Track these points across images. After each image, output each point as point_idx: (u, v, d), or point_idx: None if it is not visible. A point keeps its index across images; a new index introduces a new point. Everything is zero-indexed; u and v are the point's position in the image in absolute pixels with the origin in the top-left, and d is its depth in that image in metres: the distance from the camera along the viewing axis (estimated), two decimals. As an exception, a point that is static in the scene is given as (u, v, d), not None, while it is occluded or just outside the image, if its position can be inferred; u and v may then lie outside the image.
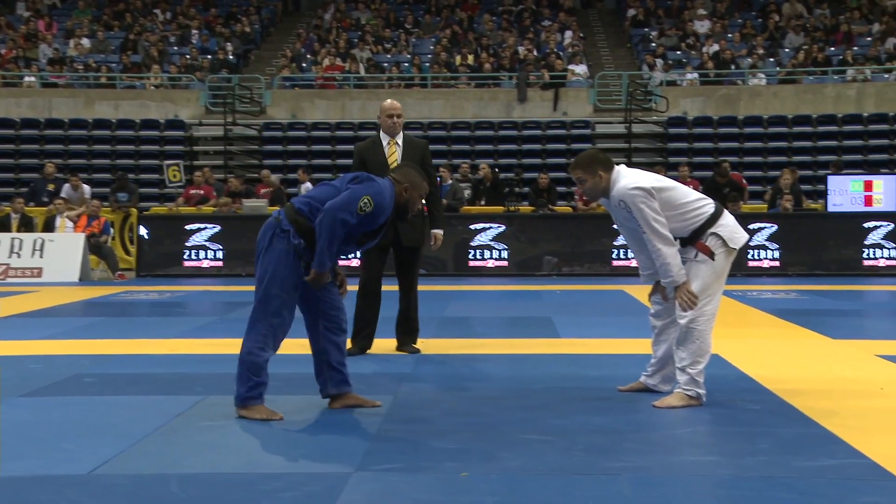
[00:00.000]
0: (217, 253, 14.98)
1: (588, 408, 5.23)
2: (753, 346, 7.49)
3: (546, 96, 22.66)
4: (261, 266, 4.98)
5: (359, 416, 5.02)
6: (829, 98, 22.08)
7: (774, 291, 12.20)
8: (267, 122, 22.30)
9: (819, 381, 6.01)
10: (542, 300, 11.39)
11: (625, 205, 5.17)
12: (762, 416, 5.03)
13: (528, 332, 8.42)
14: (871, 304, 11.66)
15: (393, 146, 7.16)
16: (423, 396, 5.56)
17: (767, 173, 20.43)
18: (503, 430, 4.71)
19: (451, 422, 4.89)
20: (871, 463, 4.08)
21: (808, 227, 14.84)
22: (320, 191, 5.01)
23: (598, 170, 5.24)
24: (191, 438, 4.57)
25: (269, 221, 5.01)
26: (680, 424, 4.83)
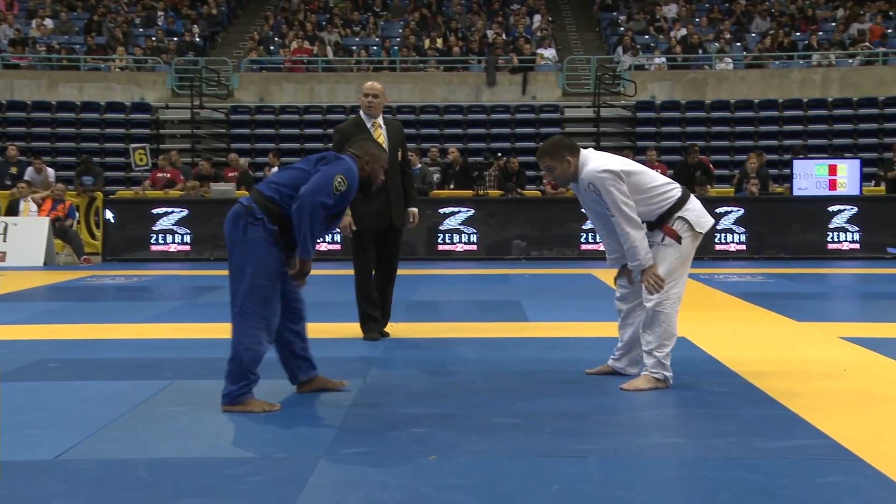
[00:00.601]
0: (184, 237, 14.88)
1: (556, 391, 5.25)
2: (719, 328, 7.55)
3: (515, 80, 22.66)
4: (238, 256, 4.80)
5: (327, 401, 5.01)
6: (794, 83, 22.27)
7: (741, 275, 12.31)
8: (234, 106, 22.15)
9: (783, 364, 6.07)
10: (511, 284, 11.42)
11: (594, 188, 5.18)
12: (727, 398, 5.08)
13: (497, 316, 8.44)
14: (835, 287, 11.79)
15: (377, 128, 7.11)
16: (392, 381, 5.56)
17: (734, 157, 20.59)
18: (472, 413, 4.73)
19: (420, 406, 4.90)
20: (833, 443, 4.14)
21: (774, 211, 14.96)
22: (286, 175, 4.89)
23: (565, 155, 5.27)
24: (158, 424, 4.55)
25: (237, 209, 4.85)
26: (647, 407, 4.87)
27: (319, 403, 4.97)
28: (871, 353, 6.40)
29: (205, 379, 5.61)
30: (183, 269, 13.56)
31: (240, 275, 4.81)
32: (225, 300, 4.49)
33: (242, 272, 4.80)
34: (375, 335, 7.13)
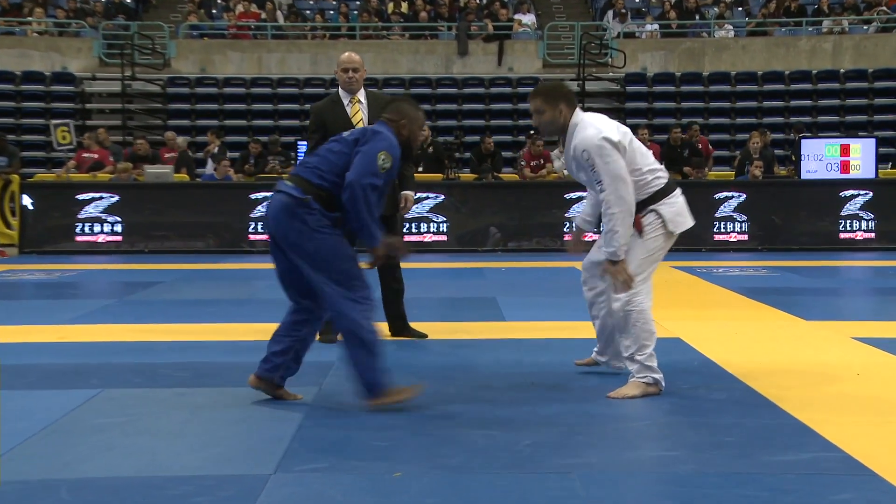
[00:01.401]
0: (115, 226, 14.78)
1: (535, 398, 5.27)
2: (718, 328, 7.61)
3: (489, 49, 22.67)
4: (311, 249, 4.95)
5: (279, 411, 5.01)
6: (802, 52, 22.43)
7: (742, 268, 12.40)
8: (171, 77, 22.00)
9: (790, 367, 6.13)
10: (486, 278, 11.44)
11: (588, 156, 5.19)
12: (727, 405, 5.12)
13: (469, 315, 8.46)
14: (848, 282, 11.91)
15: (356, 104, 7.10)
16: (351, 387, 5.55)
17: (735, 136, 20.73)
18: (440, 423, 4.74)
19: (383, 416, 4.90)
20: (845, 456, 4.18)
21: (780, 197, 15.08)
22: (326, 160, 5.04)
23: (560, 103, 5.30)
24: (85, 438, 4.52)
25: (286, 201, 4.98)
26: (636, 416, 4.90)
27: (270, 414, 4.96)
28: (888, 355, 6.47)
29: (138, 387, 5.59)
30: (113, 263, 13.48)
31: (321, 267, 4.96)
32: (163, 298, 4.51)
33: (323, 263, 4.96)
34: (332, 338, 7.12)
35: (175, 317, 8.40)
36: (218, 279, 11.68)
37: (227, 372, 6.02)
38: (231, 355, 6.60)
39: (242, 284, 11.11)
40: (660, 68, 22.34)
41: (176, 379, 5.82)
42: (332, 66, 21.82)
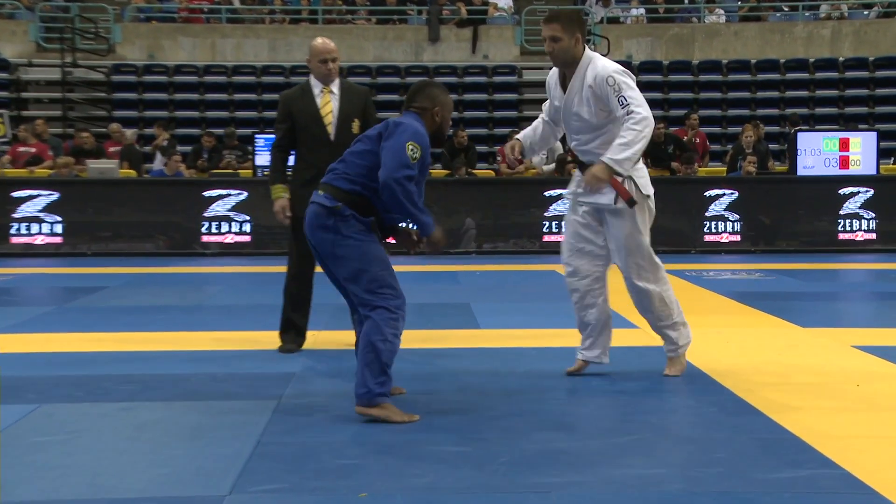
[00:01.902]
0: (55, 226, 14.68)
1: (511, 411, 5.28)
2: (709, 335, 7.64)
3: (463, 35, 22.70)
4: (345, 257, 5.16)
5: (235, 426, 4.99)
6: (799, 39, 22.59)
7: (734, 271, 12.46)
8: (117, 64, 21.88)
9: (785, 378, 6.17)
10: (459, 283, 11.44)
11: (614, 80, 5.59)
12: (718, 418, 5.14)
13: (440, 322, 8.46)
14: (848, 286, 12.00)
15: (327, 95, 7.11)
16: (313, 400, 5.56)
17: (727, 129, 20.84)
18: (409, 440, 4.73)
19: (347, 432, 4.89)
20: (844, 473, 4.20)
21: (775, 194, 15.17)
22: (353, 164, 5.22)
23: (577, 32, 5.66)
24: (21, 458, 4.48)
25: (317, 211, 5.19)
26: (620, 430, 4.92)
27: (224, 429, 4.94)
28: (890, 364, 6.52)
29: (79, 402, 5.55)
30: (52, 267, 13.39)
31: (356, 275, 5.16)
32: (107, 305, 4.49)
33: (358, 271, 5.16)
34: (293, 347, 7.11)
35: (120, 325, 8.35)
36: (168, 284, 11.62)
37: (177, 384, 5.99)
38: (181, 366, 6.57)
39: (194, 290, 11.06)
40: (646, 56, 22.43)
41: (121, 393, 5.79)
42: (292, 53, 21.83)
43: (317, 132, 7.03)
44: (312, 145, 7.03)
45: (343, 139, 6.95)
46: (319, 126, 7.04)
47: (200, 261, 14.02)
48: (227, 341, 7.54)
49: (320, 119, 7.05)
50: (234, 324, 8.15)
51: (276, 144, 7.17)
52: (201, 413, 5.28)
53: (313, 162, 6.95)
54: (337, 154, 6.78)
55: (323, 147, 6.98)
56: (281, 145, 7.14)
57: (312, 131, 7.04)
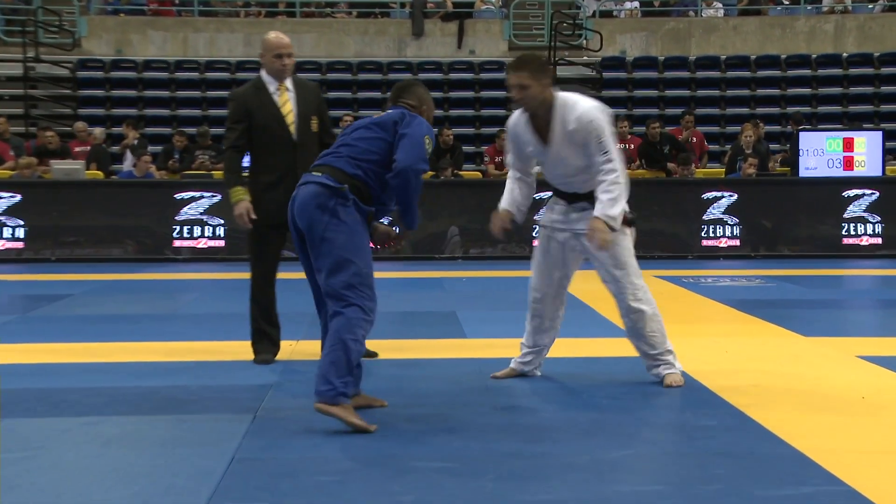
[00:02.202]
0: (16, 231, 14.64)
1: (500, 426, 5.28)
2: (707, 346, 7.66)
3: (448, 30, 22.71)
4: (334, 244, 5.17)
5: (208, 442, 4.97)
6: (801, 34, 22.66)
7: (733, 277, 12.49)
8: (83, 59, 21.83)
9: (787, 389, 6.18)
10: (445, 290, 11.44)
11: (596, 125, 5.76)
12: (717, 433, 5.15)
13: (425, 332, 8.46)
14: (852, 293, 12.03)
15: (284, 93, 7.11)
16: (291, 413, 5.54)
17: (725, 128, 20.89)
18: (392, 455, 4.73)
19: (326, 447, 4.89)
20: (849, 490, 4.21)
21: (775, 197, 15.21)
22: (361, 147, 5.29)
23: (545, 77, 5.84)
24: (-19, 475, 4.46)
25: (317, 190, 5.22)
26: (614, 445, 4.92)
27: (197, 445, 4.92)
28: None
29: (41, 416, 5.53)
30: (14, 273, 13.35)
31: (340, 265, 5.17)
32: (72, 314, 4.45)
33: (343, 261, 5.17)
34: (268, 357, 7.10)
35: (86, 335, 8.32)
36: (137, 292, 11.60)
37: (147, 397, 5.97)
38: (151, 378, 6.55)
39: (165, 298, 11.04)
40: (640, 52, 22.47)
41: (86, 406, 5.76)
42: (268, 48, 21.75)
43: (279, 133, 7.02)
44: (274, 147, 7.02)
45: (304, 139, 7.04)
46: (282, 127, 7.03)
47: (172, 267, 13.99)
48: (199, 352, 7.52)
49: (282, 119, 7.04)
50: (207, 333, 8.12)
51: (233, 145, 7.09)
52: (172, 427, 5.26)
53: (275, 165, 6.99)
54: (300, 155, 6.91)
55: (285, 148, 7.00)
56: (237, 146, 7.08)
57: (274, 132, 7.02)
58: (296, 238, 5.38)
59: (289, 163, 6.96)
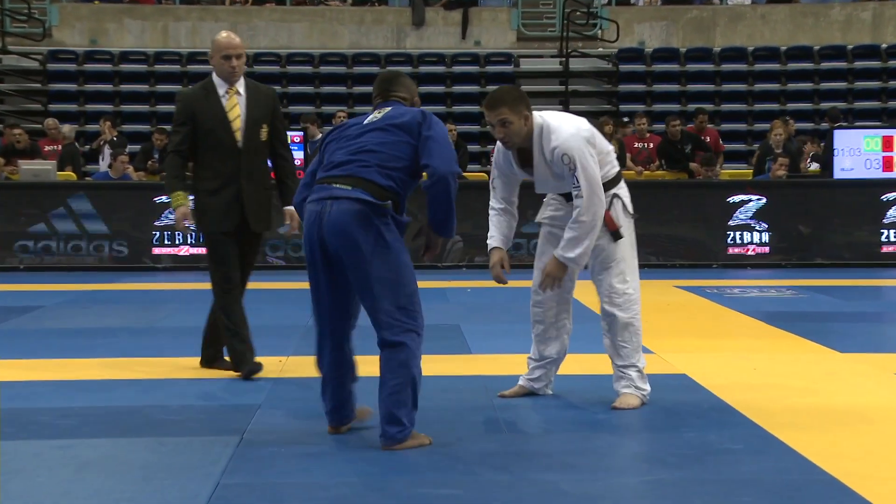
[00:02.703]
0: (-18, 237, 14.63)
1: (507, 448, 5.29)
2: (733, 362, 7.66)
3: (452, 19, 22.72)
4: (381, 269, 5.19)
5: (192, 465, 4.98)
6: (835, 23, 22.64)
7: (762, 288, 12.48)
8: (54, 51, 21.85)
9: (820, 410, 6.18)
10: (448, 301, 11.44)
11: (569, 159, 5.86)
12: (744, 456, 5.15)
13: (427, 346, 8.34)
14: (892, 305, 12.02)
15: (234, 97, 7.22)
16: (281, 435, 5.55)
17: (753, 126, 20.88)
18: (391, 483, 4.73)
19: (319, 470, 4.90)
20: (887, 518, 4.23)
21: (808, 201, 15.17)
22: (382, 153, 5.26)
23: (523, 109, 5.90)
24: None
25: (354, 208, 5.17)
26: (633, 470, 4.92)
27: (180, 468, 4.93)
28: (939, 394, 6.55)
29: (10, 439, 5.50)
30: (-20, 283, 13.34)
31: (391, 289, 5.22)
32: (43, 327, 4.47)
33: (394, 284, 5.23)
34: (256, 366, 7.12)
35: (58, 350, 8.33)
36: (113, 303, 11.60)
37: (125, 418, 5.98)
38: (129, 397, 6.56)
39: (144, 309, 11.04)
40: (660, 42, 22.47)
41: (59, 428, 5.77)
42: (256, 39, 21.84)
43: (223, 138, 7.15)
44: (218, 152, 7.16)
45: (251, 146, 7.17)
46: (227, 131, 7.16)
47: (151, 276, 13.99)
48: (181, 368, 7.53)
49: (228, 124, 7.15)
50: (188, 348, 8.12)
51: (175, 149, 7.25)
52: (152, 450, 5.26)
53: (220, 171, 7.14)
54: (244, 162, 7.06)
55: (230, 154, 7.14)
56: (181, 150, 7.24)
57: (219, 136, 7.15)
58: (317, 256, 5.28)
59: (232, 169, 7.14)
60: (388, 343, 5.20)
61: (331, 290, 5.35)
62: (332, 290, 5.35)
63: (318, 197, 5.28)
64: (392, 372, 5.18)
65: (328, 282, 5.33)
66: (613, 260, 6.11)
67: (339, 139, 5.45)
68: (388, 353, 5.21)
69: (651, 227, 14.41)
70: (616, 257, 6.11)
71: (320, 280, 5.33)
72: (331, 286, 5.34)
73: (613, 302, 6.13)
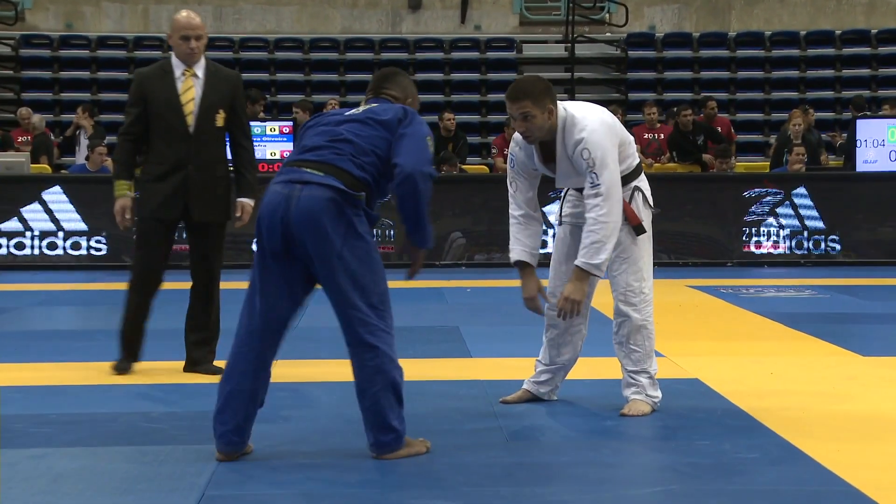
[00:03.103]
0: (-49, 234, 14.64)
1: (513, 459, 5.30)
2: (749, 366, 7.67)
3: (450, 3, 22.71)
4: (353, 263, 5.13)
5: (172, 475, 4.97)
6: (858, 6, 22.63)
7: (779, 287, 12.49)
8: (27, 35, 21.84)
9: (841, 417, 6.19)
10: (446, 301, 11.45)
11: (589, 154, 5.82)
12: (760, 466, 5.16)
13: (425, 349, 8.47)
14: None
15: (189, 79, 7.31)
16: (269, 445, 5.53)
17: (770, 116, 20.88)
18: (388, 494, 4.74)
19: (311, 482, 4.90)
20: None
21: (829, 195, 15.18)
22: (356, 144, 5.19)
23: (548, 103, 5.84)
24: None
25: (325, 196, 5.08)
26: (646, 480, 4.93)
27: (162, 480, 4.92)
28: (967, 400, 6.56)
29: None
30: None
31: (362, 286, 5.17)
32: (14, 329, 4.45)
33: (366, 282, 5.17)
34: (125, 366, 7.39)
35: (34, 354, 8.34)
36: (93, 303, 11.60)
37: (103, 426, 5.98)
38: (108, 404, 6.58)
39: (123, 311, 11.02)
40: (672, 27, 22.46)
41: (35, 437, 5.77)
42: (242, 23, 21.87)
43: (173, 122, 7.26)
44: (167, 136, 7.27)
45: (204, 132, 7.26)
46: (177, 115, 7.25)
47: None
48: (163, 372, 7.54)
49: (179, 107, 7.24)
50: (171, 352, 8.12)
51: (125, 131, 7.38)
52: (132, 461, 5.26)
53: (168, 156, 7.26)
54: (194, 148, 7.17)
55: (180, 139, 7.25)
56: (130, 132, 7.37)
57: (168, 120, 7.26)
58: (276, 245, 5.12)
59: (181, 155, 7.25)
60: (361, 343, 5.16)
61: (278, 289, 5.18)
62: (280, 289, 5.19)
63: (286, 179, 5.17)
64: (370, 380, 5.15)
65: (280, 277, 5.17)
66: (632, 256, 6.08)
67: (316, 125, 5.41)
68: (361, 356, 5.17)
69: (662, 223, 14.30)
70: (635, 253, 6.08)
71: (270, 273, 5.16)
72: (281, 281, 5.18)
73: (629, 301, 6.10)
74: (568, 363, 6.41)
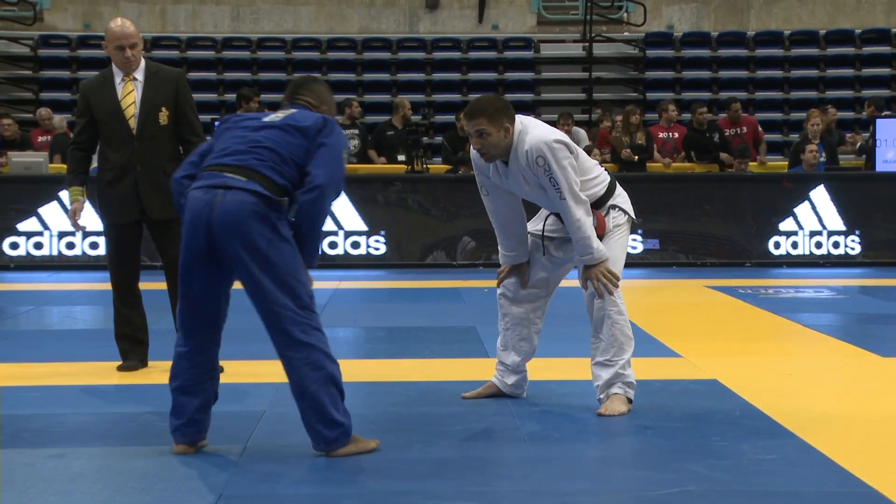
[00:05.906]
0: (-31, 234, 14.66)
1: (527, 458, 5.29)
2: (767, 367, 7.65)
3: (468, 2, 22.70)
4: (279, 266, 5.15)
5: (190, 475, 4.98)
6: (879, 4, 22.56)
7: (798, 288, 12.45)
8: (45, 35, 21.89)
9: (860, 418, 6.17)
10: (463, 301, 11.44)
11: (543, 161, 5.94)
12: (779, 467, 5.15)
13: (441, 349, 8.47)
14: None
15: (129, 84, 7.44)
16: (286, 447, 5.54)
17: (789, 115, 20.83)
18: (407, 493, 4.74)
19: (330, 482, 4.90)
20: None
21: (848, 195, 15.12)
22: (275, 152, 5.19)
23: (504, 121, 5.97)
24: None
25: (249, 201, 5.10)
26: (658, 482, 4.92)
27: (180, 480, 4.93)
28: None
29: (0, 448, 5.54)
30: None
31: (289, 287, 5.17)
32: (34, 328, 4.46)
33: (294, 283, 5.18)
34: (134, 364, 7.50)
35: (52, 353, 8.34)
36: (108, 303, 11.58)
37: (120, 426, 5.99)
38: (125, 404, 6.59)
39: (140, 310, 11.04)
40: (690, 26, 22.43)
41: (51, 437, 5.77)
42: (259, 23, 21.89)
43: (116, 127, 7.39)
44: (113, 142, 7.42)
45: (148, 133, 7.38)
46: (119, 120, 7.37)
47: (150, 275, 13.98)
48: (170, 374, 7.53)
49: (120, 112, 7.37)
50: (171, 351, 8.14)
51: (73, 142, 7.60)
52: (150, 461, 5.27)
53: (116, 161, 7.40)
54: (141, 150, 7.30)
55: (125, 143, 7.38)
56: (78, 142, 7.57)
57: (111, 126, 7.39)
58: (201, 249, 5.16)
59: (127, 158, 7.39)
60: (295, 342, 5.16)
61: (206, 290, 5.25)
62: (208, 290, 5.25)
63: (207, 184, 5.17)
64: (308, 377, 5.16)
65: (205, 279, 5.22)
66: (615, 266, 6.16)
67: (233, 128, 5.39)
68: (296, 355, 5.17)
69: (679, 223, 14.44)
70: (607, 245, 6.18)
71: (195, 277, 5.22)
72: (206, 285, 5.24)
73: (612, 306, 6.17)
74: (528, 355, 6.54)
